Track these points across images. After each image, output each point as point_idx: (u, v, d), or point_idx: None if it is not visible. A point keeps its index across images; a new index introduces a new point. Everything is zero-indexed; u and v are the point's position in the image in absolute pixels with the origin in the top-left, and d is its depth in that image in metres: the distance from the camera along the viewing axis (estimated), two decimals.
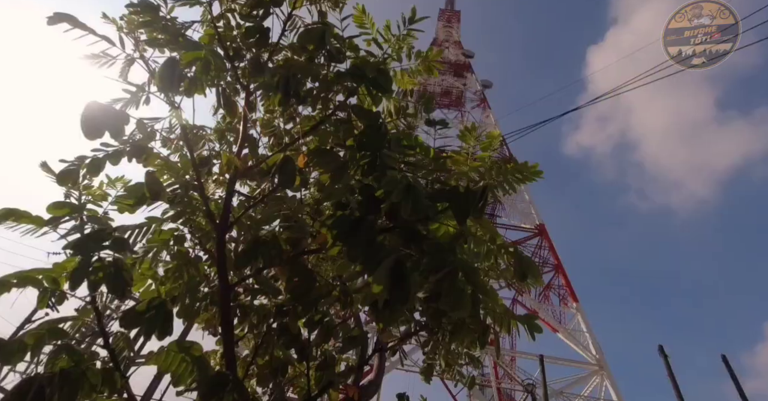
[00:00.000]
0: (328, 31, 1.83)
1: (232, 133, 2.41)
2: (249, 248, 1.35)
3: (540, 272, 1.86)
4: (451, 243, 1.92)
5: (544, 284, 3.61)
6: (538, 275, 1.85)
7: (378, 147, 1.71)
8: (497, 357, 2.59)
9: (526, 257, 1.85)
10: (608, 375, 17.17)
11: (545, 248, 23.53)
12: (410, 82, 2.44)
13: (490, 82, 40.08)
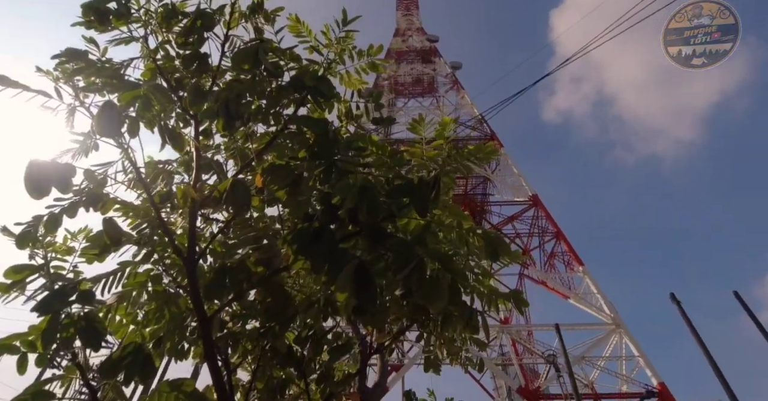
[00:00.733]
0: (261, 49, 1.84)
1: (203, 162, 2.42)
2: (215, 278, 1.37)
3: (509, 249, 1.89)
4: (420, 236, 1.95)
5: (522, 260, 3.67)
6: (509, 252, 1.88)
7: (330, 155, 1.73)
8: (487, 338, 2.56)
9: (494, 237, 1.88)
10: (626, 332, 17.37)
11: (542, 217, 23.68)
12: (359, 81, 2.45)
13: (459, 63, 40.05)
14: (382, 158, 2.04)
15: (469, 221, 2.05)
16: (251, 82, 2.06)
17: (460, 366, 3.34)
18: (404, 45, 44.86)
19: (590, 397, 15.59)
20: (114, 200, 1.64)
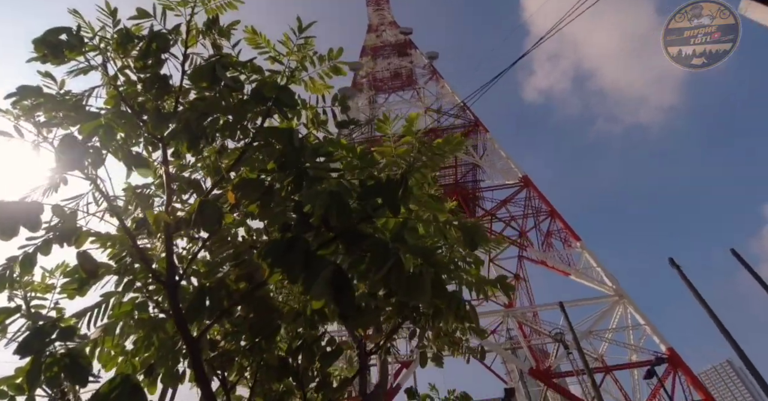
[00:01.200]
0: (218, 65, 1.84)
1: (181, 182, 2.41)
2: (194, 299, 1.38)
3: (486, 236, 1.92)
4: (399, 233, 1.97)
5: (503, 245, 3.62)
6: (486, 239, 1.91)
7: (298, 164, 1.74)
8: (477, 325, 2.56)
9: (471, 227, 1.90)
10: (629, 302, 17.57)
11: (535, 198, 23.82)
12: (323, 86, 2.45)
13: (436, 53, 40.03)
14: (352, 160, 2.06)
15: (446, 214, 2.07)
16: (214, 98, 2.06)
17: (462, 356, 3.38)
18: (379, 40, 44.74)
19: (601, 370, 15.77)
20: (87, 233, 1.64)
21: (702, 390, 15.72)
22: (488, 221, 24.52)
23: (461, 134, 16.09)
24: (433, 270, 2.07)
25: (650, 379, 15.77)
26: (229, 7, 2.45)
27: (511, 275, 25.54)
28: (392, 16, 51.37)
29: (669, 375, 15.88)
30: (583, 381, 14.64)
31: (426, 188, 2.49)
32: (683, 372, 15.81)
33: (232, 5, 2.46)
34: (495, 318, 18.84)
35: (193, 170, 2.47)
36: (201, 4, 2.37)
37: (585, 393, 14.47)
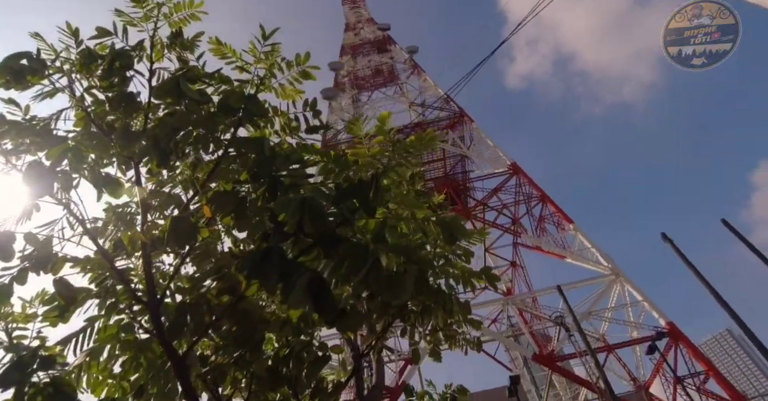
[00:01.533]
0: (182, 79, 1.83)
1: (160, 198, 2.40)
2: (175, 317, 1.38)
3: (465, 229, 1.93)
4: (379, 233, 1.98)
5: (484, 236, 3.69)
6: (465, 233, 1.93)
7: (270, 173, 1.75)
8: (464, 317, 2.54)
9: (450, 221, 1.92)
10: (626, 280, 17.74)
11: (525, 184, 23.93)
12: (294, 91, 2.45)
13: (416, 47, 39.99)
14: (327, 164, 2.06)
15: (425, 211, 2.09)
16: (184, 113, 2.05)
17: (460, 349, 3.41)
18: (357, 38, 44.59)
19: (604, 350, 15.94)
20: (64, 259, 1.63)
21: (704, 361, 15.97)
22: (480, 211, 24.63)
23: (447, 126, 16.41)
24: (417, 268, 2.09)
25: (653, 354, 15.99)
26: (192, 19, 2.43)
27: (507, 263, 25.72)
28: (369, 13, 51.24)
29: (670, 349, 16.09)
30: (587, 362, 14.81)
31: (404, 185, 2.51)
32: (684, 344, 16.03)
33: (196, 17, 2.45)
34: (495, 306, 18.97)
35: (173, 185, 2.46)
36: (164, 19, 2.36)
37: (589, 373, 14.64)
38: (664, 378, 16.29)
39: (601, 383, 12.70)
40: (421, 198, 5.70)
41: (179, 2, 2.42)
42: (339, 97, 33.89)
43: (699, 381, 15.85)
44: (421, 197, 5.73)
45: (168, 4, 2.42)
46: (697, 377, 15.94)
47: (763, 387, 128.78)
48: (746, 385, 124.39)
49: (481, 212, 24.61)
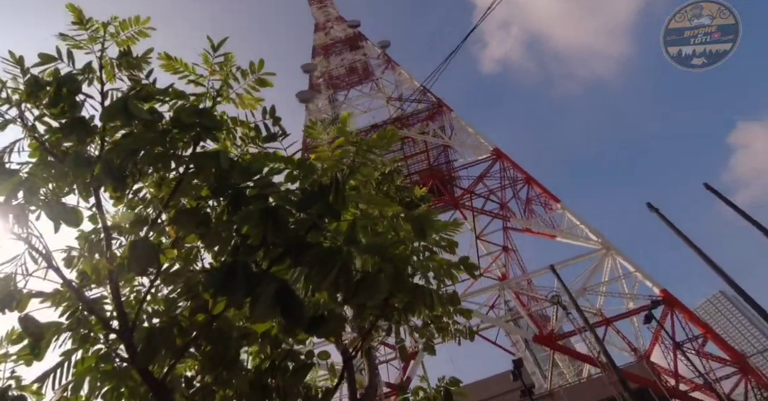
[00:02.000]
0: (129, 100, 1.80)
1: (130, 221, 2.36)
2: (146, 343, 1.36)
3: (434, 223, 1.94)
4: (350, 235, 1.98)
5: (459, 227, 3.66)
6: (435, 226, 1.93)
7: (229, 186, 1.73)
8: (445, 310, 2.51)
9: (419, 217, 1.92)
10: (617, 253, 17.99)
11: (509, 168, 24.08)
12: (253, 100, 2.42)
13: (387, 41, 39.85)
14: (292, 170, 2.04)
15: (394, 208, 2.08)
16: (139, 133, 2.02)
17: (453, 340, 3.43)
18: (328, 38, 44.29)
19: (602, 324, 16.18)
20: (29, 295, 1.60)
21: (700, 324, 16.29)
22: (468, 199, 24.75)
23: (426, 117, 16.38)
24: (392, 266, 2.09)
25: (650, 323, 16.26)
26: (140, 36, 2.39)
27: (499, 249, 25.93)
28: (337, 11, 50.92)
29: (667, 316, 16.38)
30: (587, 338, 15.02)
31: (372, 184, 2.50)
32: (679, 310, 16.32)
33: (144, 34, 2.41)
34: (491, 292, 19.11)
35: (144, 205, 2.43)
36: (111, 38, 2.32)
37: (590, 349, 14.86)
38: (664, 345, 16.61)
39: (602, 357, 12.90)
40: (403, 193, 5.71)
41: (125, 21, 2.38)
42: (315, 98, 33.68)
43: (698, 345, 16.18)
44: (402, 192, 5.74)
45: (114, 23, 2.38)
46: (695, 341, 16.27)
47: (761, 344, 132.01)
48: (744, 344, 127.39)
49: (469, 200, 24.74)
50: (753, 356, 17.64)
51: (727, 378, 15.60)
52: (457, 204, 25.46)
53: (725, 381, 15.54)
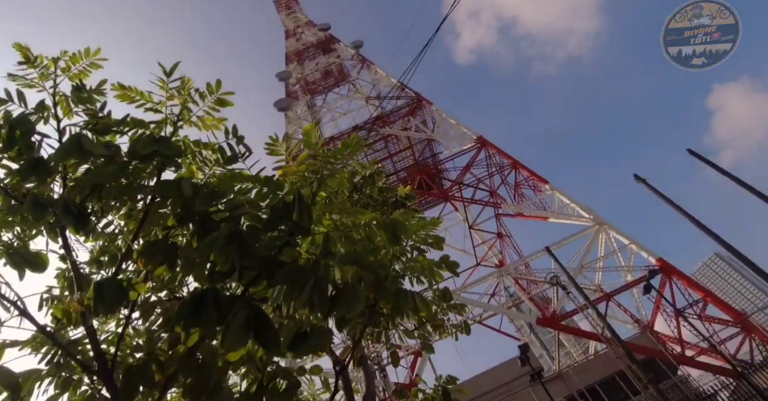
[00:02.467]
0: (82, 137, 1.77)
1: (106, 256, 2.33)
2: (123, 383, 1.34)
3: (406, 227, 1.94)
4: (325, 248, 1.97)
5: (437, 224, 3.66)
6: (407, 230, 1.93)
7: (194, 213, 1.71)
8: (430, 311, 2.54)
9: (390, 223, 1.91)
10: (610, 227, 18.18)
11: (495, 155, 24.19)
12: (215, 121, 2.40)
13: (360, 41, 39.79)
14: (261, 189, 2.03)
15: (367, 215, 2.08)
16: (99, 167, 1.99)
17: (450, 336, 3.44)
18: (300, 44, 44.10)
19: (603, 299, 16.35)
20: (3, 345, 1.57)
21: (699, 289, 16.53)
22: (457, 190, 24.83)
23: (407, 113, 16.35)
24: (372, 273, 2.09)
25: (650, 293, 16.45)
26: (92, 68, 2.37)
27: (494, 236, 26.07)
28: (306, 16, 50.71)
29: (665, 284, 16.59)
30: (589, 315, 15.17)
31: (345, 193, 2.49)
32: (677, 277, 16.53)
33: (96, 65, 2.38)
34: (491, 280, 19.22)
35: (112, 239, 2.40)
36: (62, 73, 2.29)
37: (594, 325, 15.01)
38: (665, 313, 16.83)
39: (606, 332, 13.04)
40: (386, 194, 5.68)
41: (75, 54, 2.35)
42: (293, 106, 33.52)
43: (699, 309, 16.42)
44: (386, 192, 5.72)
45: (64, 58, 2.35)
46: (696, 306, 16.51)
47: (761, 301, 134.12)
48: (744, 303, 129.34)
49: (458, 191, 24.82)
50: (754, 314, 17.90)
51: (731, 339, 15.86)
52: (447, 196, 25.53)
53: (730, 342, 15.81)
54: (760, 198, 11.87)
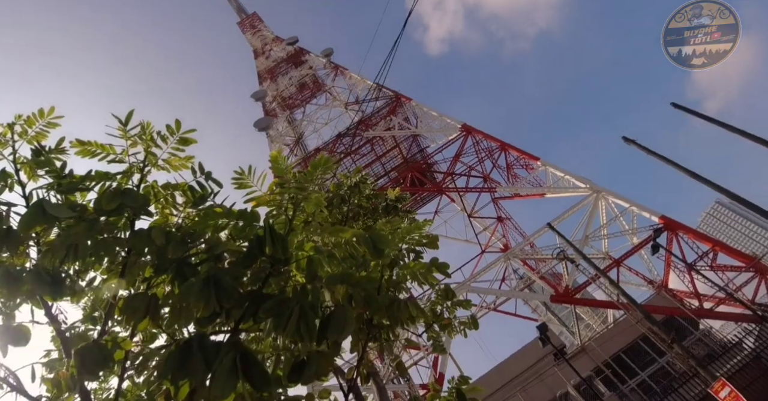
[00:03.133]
0: (45, 202, 1.75)
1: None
2: None
3: (386, 239, 1.92)
4: (310, 272, 1.95)
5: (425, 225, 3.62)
6: (386, 242, 1.92)
7: (169, 261, 1.69)
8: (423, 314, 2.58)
9: (370, 237, 1.90)
10: (608, 193, 18.16)
11: (482, 140, 24.19)
12: (183, 160, 2.38)
13: (330, 49, 39.77)
14: (236, 223, 2.01)
15: (348, 232, 2.06)
16: (69, 229, 1.97)
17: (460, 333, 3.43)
18: (270, 61, 44.05)
19: (613, 266, 16.35)
20: None
21: (706, 240, 16.52)
22: (451, 181, 24.81)
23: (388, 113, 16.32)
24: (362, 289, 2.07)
25: (659, 252, 16.45)
26: (50, 128, 2.35)
27: (494, 221, 26.07)
28: (272, 32, 50.66)
29: (672, 241, 16.57)
30: (602, 284, 15.19)
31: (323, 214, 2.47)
32: (683, 231, 16.49)
33: (53, 124, 2.37)
34: (498, 266, 19.19)
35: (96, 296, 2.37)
36: (20, 137, 2.27)
37: (608, 294, 15.02)
38: (677, 269, 16.84)
39: (621, 298, 13.04)
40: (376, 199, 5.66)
41: (29, 117, 2.33)
42: (274, 124, 33.47)
43: (709, 260, 16.42)
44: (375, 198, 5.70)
45: (18, 122, 2.33)
46: (706, 257, 16.50)
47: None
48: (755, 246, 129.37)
49: (452, 182, 24.80)
50: (766, 255, 17.92)
51: (746, 285, 15.86)
52: (441, 189, 25.52)
53: (746, 288, 15.80)
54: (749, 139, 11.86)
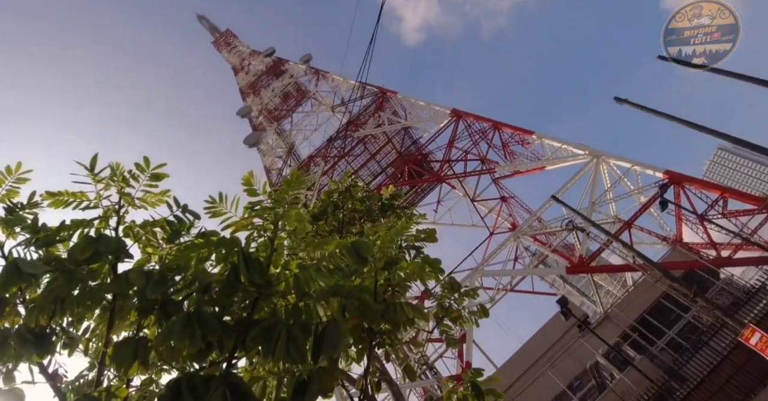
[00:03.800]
0: (19, 261, 1.73)
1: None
2: None
3: (370, 246, 1.89)
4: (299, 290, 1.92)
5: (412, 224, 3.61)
6: (370, 250, 1.89)
7: (155, 301, 1.67)
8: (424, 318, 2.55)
9: (353, 245, 1.87)
10: (607, 156, 17.96)
11: (474, 122, 24.04)
12: (159, 195, 2.35)
13: (308, 55, 39.66)
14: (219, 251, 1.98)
15: (332, 244, 2.03)
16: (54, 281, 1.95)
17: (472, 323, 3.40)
18: (250, 76, 44.01)
19: (624, 228, 16.19)
20: None
21: (714, 188, 16.29)
22: (449, 168, 24.71)
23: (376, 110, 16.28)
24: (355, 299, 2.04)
25: (668, 208, 16.26)
26: (20, 184, 2.33)
27: (498, 201, 25.94)
28: (248, 47, 50.55)
29: (680, 194, 16.36)
30: (616, 248, 15.08)
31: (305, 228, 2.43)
32: (689, 183, 16.24)
33: (23, 180, 2.35)
34: (509, 246, 19.09)
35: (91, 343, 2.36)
36: None
37: (624, 257, 14.92)
38: (689, 222, 16.68)
39: (637, 259, 12.94)
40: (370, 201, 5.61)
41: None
42: (263, 138, 33.47)
43: (720, 208, 16.21)
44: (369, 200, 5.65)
45: None
46: (716, 205, 16.30)
47: None
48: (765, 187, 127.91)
49: (450, 169, 24.69)
50: None
51: (762, 227, 15.66)
52: (440, 178, 25.43)
53: (762, 230, 15.61)
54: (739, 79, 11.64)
